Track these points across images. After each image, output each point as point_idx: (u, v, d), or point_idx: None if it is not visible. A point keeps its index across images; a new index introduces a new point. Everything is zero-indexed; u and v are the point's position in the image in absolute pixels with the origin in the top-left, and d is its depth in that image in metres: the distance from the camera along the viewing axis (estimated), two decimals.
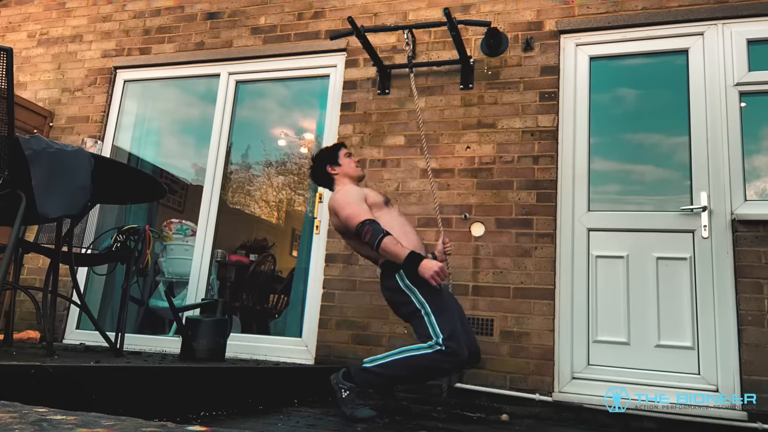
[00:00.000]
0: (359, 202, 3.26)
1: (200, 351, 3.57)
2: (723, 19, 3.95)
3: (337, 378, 3.12)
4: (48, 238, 3.85)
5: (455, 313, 3.15)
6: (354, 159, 3.59)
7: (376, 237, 3.07)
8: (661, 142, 4.10)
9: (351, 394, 3.03)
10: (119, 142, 5.43)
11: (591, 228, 3.96)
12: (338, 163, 3.52)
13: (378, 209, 3.34)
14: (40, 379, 1.97)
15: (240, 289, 6.04)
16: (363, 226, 3.12)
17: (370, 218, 3.16)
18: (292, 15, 5.02)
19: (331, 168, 3.52)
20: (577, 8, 4.26)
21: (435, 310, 3.03)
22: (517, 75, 4.27)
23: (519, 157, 4.12)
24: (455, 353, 2.94)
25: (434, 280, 2.99)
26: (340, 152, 3.57)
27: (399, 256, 3.05)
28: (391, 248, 3.07)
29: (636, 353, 3.71)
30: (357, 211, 3.20)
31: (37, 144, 2.60)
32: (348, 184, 3.48)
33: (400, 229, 3.31)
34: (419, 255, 3.06)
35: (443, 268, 3.03)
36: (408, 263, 3.04)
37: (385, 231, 3.09)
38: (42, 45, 5.81)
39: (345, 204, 3.27)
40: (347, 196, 3.32)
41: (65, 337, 4.98)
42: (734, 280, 3.58)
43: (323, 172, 3.55)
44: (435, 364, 2.96)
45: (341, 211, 3.26)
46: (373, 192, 3.47)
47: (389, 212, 3.42)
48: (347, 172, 3.51)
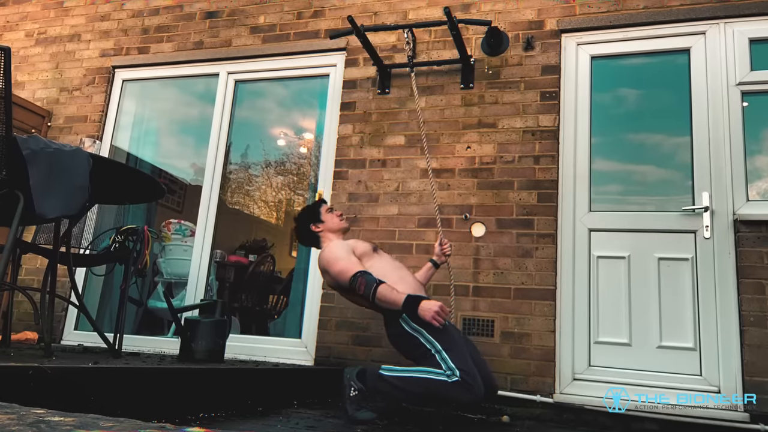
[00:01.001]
0: (347, 256, 3.25)
1: (199, 352, 3.54)
2: (725, 18, 3.94)
3: (351, 375, 3.10)
4: (46, 239, 3.83)
5: (466, 350, 3.07)
6: (336, 213, 3.59)
7: (369, 288, 3.05)
8: (663, 141, 4.08)
9: (359, 395, 3.02)
10: (118, 141, 5.41)
11: (592, 228, 3.94)
12: (321, 220, 3.52)
13: (368, 258, 3.34)
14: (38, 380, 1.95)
15: (239, 289, 6.02)
16: (355, 279, 3.11)
17: (361, 270, 3.15)
18: (291, 14, 5.00)
19: (315, 226, 3.52)
20: (578, 7, 4.24)
21: (446, 347, 2.97)
22: (517, 74, 4.25)
23: (520, 157, 4.10)
24: (472, 388, 2.86)
25: (435, 320, 2.95)
26: (321, 209, 3.57)
27: (396, 302, 3.02)
28: (387, 296, 3.04)
29: (637, 354, 3.69)
30: (347, 266, 3.19)
31: (35, 144, 2.58)
32: (334, 239, 3.48)
33: (396, 273, 3.29)
34: (417, 297, 3.02)
35: (443, 306, 2.98)
36: (407, 308, 3.00)
37: (378, 280, 3.08)
38: (40, 44, 5.78)
39: (333, 260, 3.26)
40: (334, 251, 3.31)
41: (63, 338, 4.96)
42: (736, 281, 3.56)
43: (308, 232, 3.54)
44: (451, 393, 2.88)
45: (331, 268, 3.26)
46: (360, 242, 3.47)
47: (380, 258, 3.41)
48: (331, 228, 3.51)
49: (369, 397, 3.05)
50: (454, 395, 2.88)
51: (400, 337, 3.12)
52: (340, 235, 3.53)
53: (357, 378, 3.08)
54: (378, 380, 3.02)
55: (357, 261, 3.24)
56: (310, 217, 3.55)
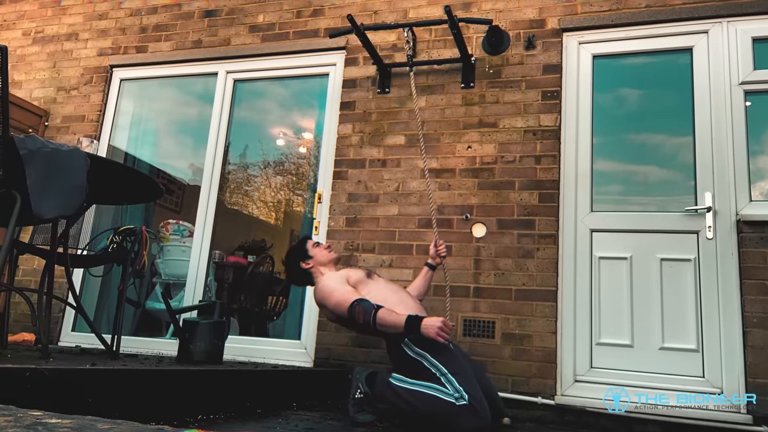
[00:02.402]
0: (342, 286, 3.24)
1: (198, 353, 3.53)
2: (728, 17, 3.92)
3: (360, 376, 3.08)
4: (43, 239, 3.81)
5: (472, 373, 3.02)
6: (323, 246, 3.57)
7: (368, 315, 3.03)
8: (665, 141, 4.06)
9: (364, 398, 3.01)
10: (115, 141, 5.38)
11: (594, 229, 3.92)
12: (309, 256, 3.52)
13: (364, 285, 3.32)
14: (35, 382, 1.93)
15: (238, 290, 6.00)
16: (353, 308, 3.09)
17: (358, 298, 3.12)
18: (290, 13, 4.97)
19: (305, 263, 3.51)
20: (580, 6, 4.22)
21: (451, 370, 2.91)
22: (519, 74, 4.23)
23: (521, 156, 4.08)
24: (479, 412, 2.79)
25: (440, 336, 2.89)
26: (308, 244, 3.57)
27: (397, 325, 2.98)
28: (387, 319, 3.00)
29: (639, 356, 3.67)
30: (343, 296, 3.17)
31: (32, 144, 2.56)
32: (326, 272, 3.47)
33: (395, 296, 3.27)
34: (418, 316, 2.98)
35: (446, 322, 2.93)
36: (409, 328, 2.95)
37: (376, 306, 3.04)
38: (37, 43, 5.75)
39: (329, 293, 3.25)
40: (328, 284, 3.30)
41: (61, 339, 4.94)
42: (739, 282, 3.55)
43: (298, 270, 3.54)
44: (456, 417, 2.80)
45: (328, 302, 3.25)
46: (353, 270, 3.46)
47: (376, 283, 3.38)
48: (321, 261, 3.51)
49: (373, 402, 3.03)
50: (460, 419, 2.79)
51: (404, 361, 3.06)
52: (331, 267, 3.52)
53: (366, 381, 3.06)
54: (386, 387, 2.98)
55: (352, 290, 3.22)
56: (298, 255, 3.55)
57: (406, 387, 2.92)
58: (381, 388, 3.00)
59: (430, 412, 2.87)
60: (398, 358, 3.11)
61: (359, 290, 3.24)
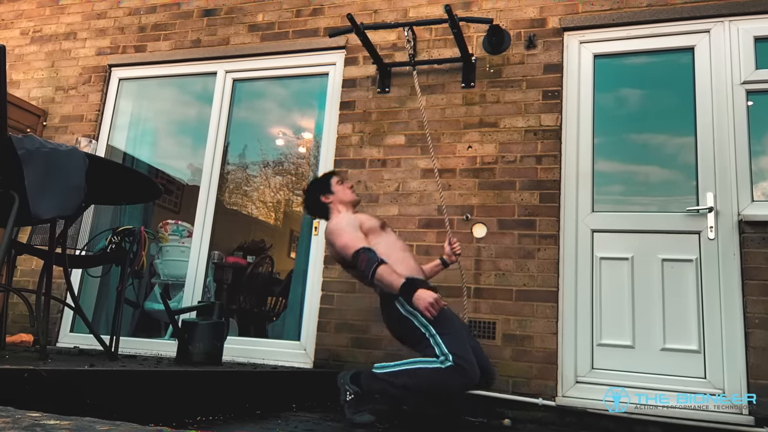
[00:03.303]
0: (353, 231, 3.22)
1: (197, 354, 3.52)
2: (730, 16, 3.90)
3: (344, 379, 3.07)
4: (41, 240, 3.79)
5: (463, 333, 3.06)
6: (347, 184, 3.55)
7: (370, 267, 3.03)
8: (667, 141, 4.05)
9: (355, 398, 3.00)
10: (114, 141, 5.36)
11: (595, 229, 3.90)
12: (331, 191, 3.49)
13: (375, 235, 3.30)
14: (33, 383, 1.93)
15: (237, 291, 5.99)
16: (358, 255, 3.09)
17: (365, 246, 3.12)
18: (290, 12, 4.95)
19: (325, 197, 3.48)
20: (581, 5, 4.21)
21: (440, 331, 2.96)
22: (519, 73, 4.21)
23: (521, 156, 4.06)
24: (465, 371, 2.85)
25: (428, 311, 2.91)
26: (332, 180, 3.54)
27: (394, 285, 2.99)
28: (385, 277, 3.01)
29: (641, 357, 3.66)
30: (351, 241, 3.16)
31: (30, 143, 2.55)
32: (343, 211, 3.44)
33: (399, 254, 3.27)
34: (415, 284, 2.99)
35: (438, 299, 2.94)
36: (403, 292, 2.98)
37: (380, 259, 3.05)
38: (35, 42, 5.73)
39: (339, 233, 3.23)
40: (341, 224, 3.28)
41: (59, 340, 4.92)
42: (741, 282, 3.53)
43: (317, 203, 3.51)
44: (444, 380, 2.86)
45: (336, 241, 3.23)
46: (369, 217, 3.43)
47: (386, 237, 3.37)
48: (341, 199, 3.48)
49: (366, 399, 3.02)
50: (449, 381, 2.86)
51: (396, 319, 3.12)
52: (350, 208, 3.49)
53: (351, 381, 3.05)
54: (371, 379, 3.00)
55: (362, 237, 3.21)
56: (321, 188, 3.52)
57: (390, 371, 2.96)
58: (368, 382, 3.00)
59: (420, 385, 2.93)
60: (389, 315, 3.16)
61: (369, 239, 3.24)
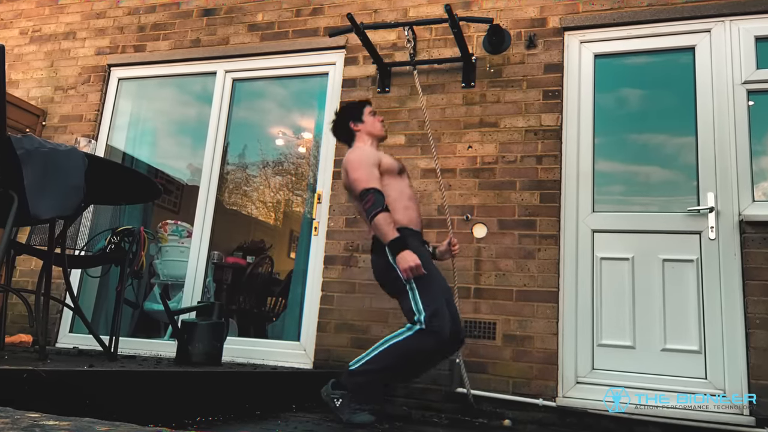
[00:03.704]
0: (370, 167, 3.21)
1: (196, 355, 3.52)
2: (730, 16, 3.90)
3: (327, 390, 3.08)
4: (41, 240, 3.79)
5: (441, 292, 3.10)
6: (378, 118, 3.55)
7: (373, 209, 3.06)
8: (667, 141, 4.04)
9: (344, 401, 2.99)
10: (113, 141, 5.35)
11: (595, 229, 3.89)
12: (361, 120, 3.49)
13: (390, 176, 3.31)
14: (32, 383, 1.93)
15: (237, 291, 5.98)
16: (367, 193, 3.11)
17: (376, 187, 3.13)
18: (290, 11, 4.94)
19: (354, 124, 3.49)
20: (582, 5, 4.20)
21: (420, 287, 3.01)
22: (520, 73, 4.20)
23: (522, 156, 4.05)
24: (437, 332, 2.92)
25: (406, 273, 2.98)
26: (365, 109, 3.53)
27: (386, 236, 3.04)
28: (382, 226, 3.05)
29: (641, 357, 3.65)
30: (365, 176, 3.17)
31: (29, 143, 2.55)
32: (367, 143, 3.45)
33: (406, 202, 3.29)
34: (403, 244, 3.03)
35: (420, 266, 2.99)
36: (391, 246, 3.03)
37: (385, 206, 3.07)
38: (34, 42, 5.72)
39: (356, 165, 3.23)
40: (361, 157, 3.27)
41: (58, 340, 4.91)
42: (742, 283, 3.52)
43: (345, 128, 3.52)
44: (417, 344, 2.95)
45: (351, 172, 3.23)
46: (389, 157, 3.42)
47: (400, 182, 3.37)
48: (370, 131, 3.48)
49: (355, 397, 3.01)
50: (421, 345, 2.95)
51: (383, 265, 3.16)
52: (375, 142, 3.49)
53: (334, 388, 3.06)
54: (352, 377, 3.01)
55: (377, 176, 3.21)
56: (352, 114, 3.52)
57: (365, 360, 3.00)
58: (350, 381, 3.02)
59: (398, 358, 2.99)
60: (378, 259, 3.21)
61: (383, 178, 3.25)
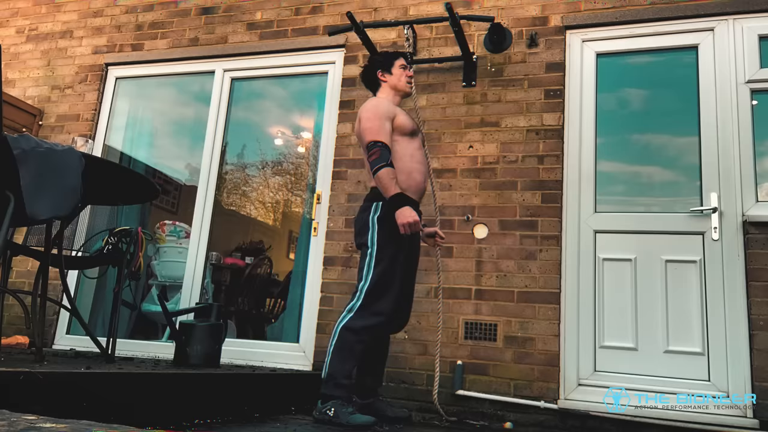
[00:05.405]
0: (383, 120, 3.19)
1: (194, 357, 3.51)
2: (734, 14, 3.88)
3: (317, 410, 3.05)
4: (37, 240, 3.78)
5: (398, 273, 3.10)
6: (408, 72, 3.49)
7: (377, 163, 3.06)
8: (670, 141, 4.02)
9: (336, 408, 2.97)
10: (111, 141, 5.32)
11: (597, 230, 3.87)
12: (390, 72, 3.45)
13: (401, 134, 3.28)
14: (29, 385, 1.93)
15: (235, 292, 5.95)
16: (374, 145, 3.11)
17: (384, 141, 3.12)
18: (289, 10, 4.92)
19: (382, 74, 3.45)
20: (583, 3, 4.18)
21: (379, 257, 3.05)
22: (521, 72, 4.18)
23: (523, 156, 4.03)
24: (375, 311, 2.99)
25: (403, 228, 2.99)
26: (396, 61, 3.48)
27: (387, 191, 3.04)
28: (385, 180, 3.05)
29: (644, 359, 3.63)
30: (376, 128, 3.15)
31: (26, 143, 2.53)
32: (389, 97, 3.41)
33: (411, 164, 3.26)
34: (404, 201, 3.03)
35: (418, 223, 3.01)
36: (391, 201, 3.02)
37: (389, 162, 3.07)
38: (31, 41, 5.69)
39: (371, 115, 3.21)
40: (377, 108, 3.24)
41: (55, 342, 4.88)
42: (745, 284, 3.50)
43: (372, 76, 3.48)
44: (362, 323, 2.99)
45: (364, 121, 3.22)
46: (406, 116, 3.36)
47: (411, 143, 3.33)
48: (395, 84, 3.43)
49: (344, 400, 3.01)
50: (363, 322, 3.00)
51: (362, 220, 3.20)
52: (397, 96, 3.45)
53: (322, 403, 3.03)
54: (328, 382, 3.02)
55: (388, 130, 3.19)
56: (383, 64, 3.48)
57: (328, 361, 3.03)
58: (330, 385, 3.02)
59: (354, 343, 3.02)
60: (362, 212, 3.24)
61: (394, 134, 3.23)
